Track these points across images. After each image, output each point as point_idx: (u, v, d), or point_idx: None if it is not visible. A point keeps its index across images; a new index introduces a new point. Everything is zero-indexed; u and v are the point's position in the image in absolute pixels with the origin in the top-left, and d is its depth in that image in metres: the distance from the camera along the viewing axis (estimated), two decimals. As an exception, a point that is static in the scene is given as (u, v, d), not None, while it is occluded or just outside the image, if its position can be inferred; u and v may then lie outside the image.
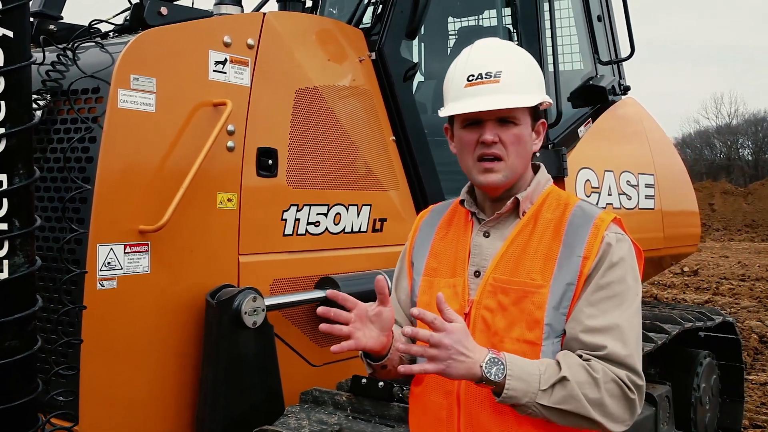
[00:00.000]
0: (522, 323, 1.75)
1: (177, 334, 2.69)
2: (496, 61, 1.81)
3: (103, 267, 2.46)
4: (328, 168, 3.24)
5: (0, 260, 1.52)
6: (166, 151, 2.63)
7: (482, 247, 1.86)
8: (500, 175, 1.81)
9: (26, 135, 1.53)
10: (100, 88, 2.51)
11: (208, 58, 2.76)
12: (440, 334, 1.59)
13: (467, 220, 1.93)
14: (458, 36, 5.09)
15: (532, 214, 1.85)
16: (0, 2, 1.47)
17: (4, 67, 1.48)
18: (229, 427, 2.68)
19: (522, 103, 1.78)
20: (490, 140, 1.78)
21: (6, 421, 1.59)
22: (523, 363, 1.66)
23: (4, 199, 1.51)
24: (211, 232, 2.79)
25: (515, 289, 1.76)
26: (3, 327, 1.54)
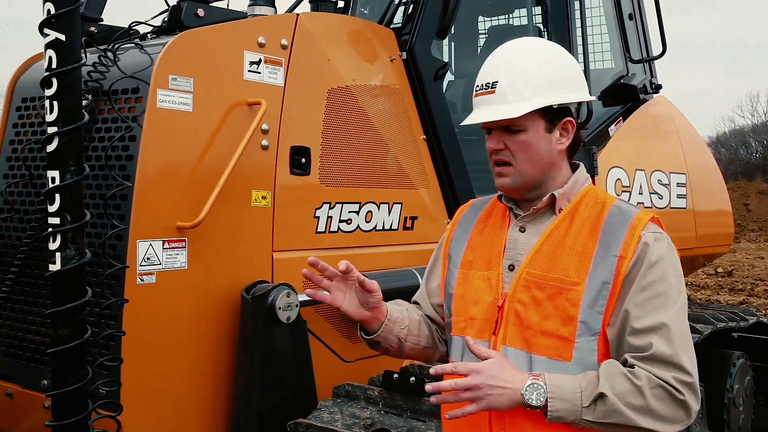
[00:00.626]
0: (556, 318, 1.76)
1: (213, 328, 2.75)
2: (496, 70, 1.83)
3: (143, 262, 2.53)
4: (359, 166, 3.28)
5: (53, 253, 1.59)
6: (202, 149, 2.69)
7: (517, 242, 1.88)
8: (509, 180, 1.84)
9: (77, 133, 1.60)
10: (139, 88, 2.58)
11: (243, 59, 2.82)
12: (469, 378, 1.63)
13: (505, 216, 1.95)
14: (488, 35, 5.10)
15: (569, 212, 1.85)
16: (53, 7, 1.54)
17: (57, 69, 1.55)
18: (263, 420, 2.73)
19: (509, 114, 1.77)
20: (492, 149, 1.83)
21: (59, 405, 1.67)
22: (563, 382, 1.67)
23: (57, 194, 1.58)
24: (246, 229, 2.85)
25: (550, 285, 1.78)
26: (56, 316, 1.62)
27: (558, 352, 1.75)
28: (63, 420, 1.67)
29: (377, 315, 1.96)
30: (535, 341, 1.77)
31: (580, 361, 1.74)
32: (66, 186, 1.58)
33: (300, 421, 2.65)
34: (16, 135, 3.00)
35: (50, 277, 1.63)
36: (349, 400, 2.80)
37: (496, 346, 1.82)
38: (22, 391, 2.85)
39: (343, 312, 1.95)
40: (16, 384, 2.87)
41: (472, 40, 5.19)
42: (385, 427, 2.59)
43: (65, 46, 1.56)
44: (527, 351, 1.78)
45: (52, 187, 1.59)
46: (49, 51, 1.58)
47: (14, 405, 2.90)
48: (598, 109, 4.38)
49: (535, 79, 1.81)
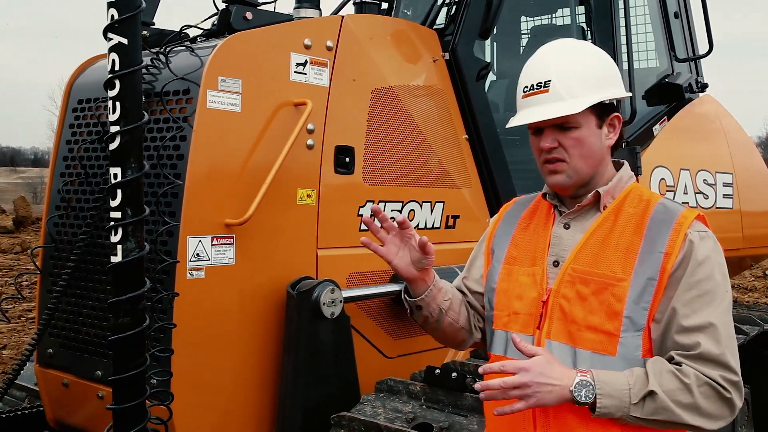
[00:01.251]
0: (601, 313, 1.78)
1: (259, 323, 2.83)
2: (547, 69, 1.86)
3: (192, 258, 2.61)
4: (402, 165, 3.33)
5: (114, 245, 1.68)
6: (250, 148, 2.77)
7: (562, 238, 1.90)
8: (564, 176, 1.86)
9: (138, 132, 1.68)
10: (190, 90, 2.67)
11: (289, 60, 2.89)
12: (518, 376, 1.65)
13: (549, 213, 1.98)
14: (531, 35, 5.10)
15: (613, 209, 1.87)
16: (116, 12, 1.63)
17: (120, 72, 1.64)
18: (308, 413, 2.79)
19: (569, 110, 1.80)
20: (547, 147, 1.85)
21: (120, 389, 1.75)
22: (612, 379, 1.69)
23: (119, 190, 1.67)
24: (291, 226, 2.92)
25: (595, 281, 1.80)
26: (116, 306, 1.70)
27: (603, 347, 1.77)
28: (122, 404, 1.76)
29: (425, 278, 1.99)
30: (579, 336, 1.79)
31: (625, 356, 1.76)
32: (127, 182, 1.67)
33: (343, 414, 2.70)
34: (72, 135, 3.12)
35: (111, 269, 1.72)
36: (392, 395, 2.85)
37: (541, 340, 1.85)
38: (77, 381, 2.96)
39: (393, 267, 1.97)
40: (72, 374, 2.99)
41: (515, 40, 5.19)
42: (427, 422, 2.63)
43: (127, 49, 1.65)
44: (572, 345, 1.81)
45: (114, 183, 1.68)
46: (112, 54, 1.67)
47: (70, 395, 3.02)
48: (642, 109, 4.34)
49: (585, 77, 1.85)
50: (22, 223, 20.98)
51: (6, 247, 16.87)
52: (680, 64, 4.74)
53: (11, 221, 21.04)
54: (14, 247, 16.78)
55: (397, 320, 3.33)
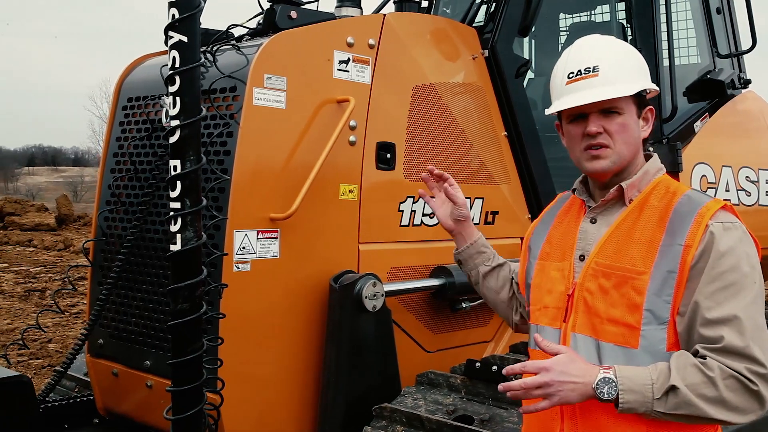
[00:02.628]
0: (622, 306, 1.79)
1: (302, 315, 2.89)
2: (594, 55, 1.89)
3: (239, 251, 2.68)
4: (442, 162, 3.36)
5: (174, 234, 1.76)
6: (294, 144, 2.83)
7: (588, 233, 1.93)
8: (608, 161, 1.87)
9: (196, 126, 1.75)
10: (236, 87, 2.74)
11: (333, 58, 2.94)
12: (538, 377, 1.68)
13: (581, 209, 2.01)
14: (570, 32, 5.09)
15: (639, 202, 1.88)
16: (176, 12, 1.70)
17: (180, 68, 1.71)
18: (349, 404, 2.85)
19: (621, 93, 1.84)
20: (594, 131, 1.86)
21: (179, 372, 1.82)
22: (634, 374, 1.69)
23: (178, 181, 1.74)
24: (334, 221, 2.97)
25: (616, 274, 1.81)
26: (176, 292, 1.78)
27: (625, 339, 1.78)
28: (180, 386, 1.83)
29: (464, 233, 2.31)
30: (602, 328, 1.81)
31: (648, 349, 1.76)
32: (186, 174, 1.74)
33: (385, 405, 2.75)
34: (122, 132, 3.22)
35: (171, 257, 1.79)
36: (432, 388, 2.89)
37: (566, 333, 1.88)
38: (126, 370, 3.06)
39: (437, 217, 2.34)
40: (121, 364, 3.09)
41: (553, 37, 5.19)
42: (467, 414, 2.66)
43: (187, 47, 1.72)
44: (595, 338, 1.82)
45: (174, 174, 1.75)
46: (172, 52, 1.74)
47: (119, 384, 3.11)
48: (683, 105, 4.31)
49: (631, 64, 1.91)
50: (65, 220, 21.47)
51: (49, 244, 17.31)
52: (722, 60, 4.69)
53: (54, 219, 21.54)
54: (57, 245, 17.20)
55: (436, 315, 3.37)
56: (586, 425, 1.82)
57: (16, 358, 7.02)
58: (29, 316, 9.42)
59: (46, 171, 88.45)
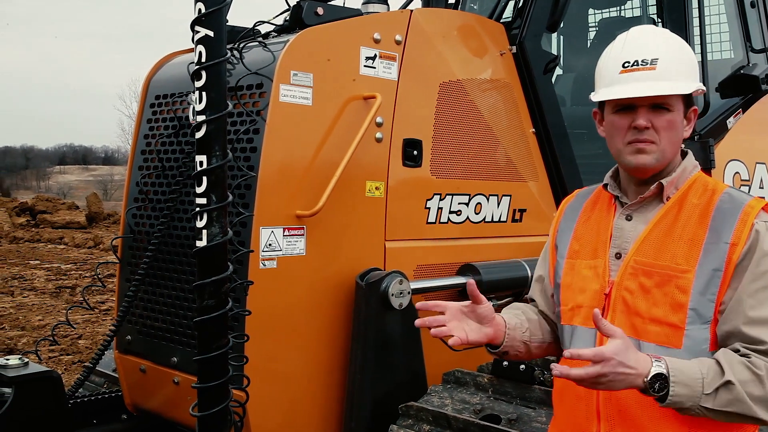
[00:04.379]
0: (665, 306, 1.76)
1: (328, 313, 2.88)
2: (653, 47, 1.83)
3: (265, 248, 2.68)
4: (469, 159, 3.34)
5: (200, 230, 1.75)
6: (320, 141, 2.82)
7: (624, 230, 1.89)
8: (651, 157, 1.83)
9: (222, 121, 1.75)
10: (263, 84, 2.73)
11: (359, 54, 2.92)
12: (597, 367, 1.60)
13: (610, 204, 1.96)
14: (599, 28, 5.03)
15: (677, 200, 1.85)
16: (203, 6, 1.69)
17: (206, 63, 1.70)
18: (376, 402, 2.83)
19: (678, 90, 1.80)
20: (643, 125, 1.81)
21: (205, 368, 1.82)
22: (686, 367, 1.66)
23: (204, 177, 1.74)
24: (360, 218, 2.96)
25: (659, 273, 1.78)
26: (201, 288, 1.78)
27: (668, 339, 1.75)
28: (207, 383, 1.83)
29: (497, 329, 1.92)
30: (644, 328, 1.78)
31: (691, 349, 1.73)
32: (212, 169, 1.74)
33: (411, 404, 2.73)
34: (150, 129, 3.23)
35: (197, 253, 1.79)
36: (459, 386, 2.86)
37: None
38: (154, 367, 3.07)
39: (472, 344, 1.88)
40: (149, 360, 3.10)
41: (582, 33, 5.12)
42: (495, 413, 2.63)
43: (213, 41, 1.72)
44: (636, 338, 1.78)
45: (200, 170, 1.75)
46: (199, 47, 1.73)
47: (147, 380, 3.13)
48: (715, 101, 4.23)
49: (688, 63, 1.86)
50: (95, 218, 21.76)
51: (80, 242, 17.55)
52: (756, 54, 4.59)
53: (84, 217, 21.84)
54: (87, 242, 17.44)
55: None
56: (625, 426, 1.78)
57: (47, 354, 7.12)
58: (60, 312, 9.55)
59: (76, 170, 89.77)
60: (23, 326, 8.72)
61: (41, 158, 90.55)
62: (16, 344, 7.81)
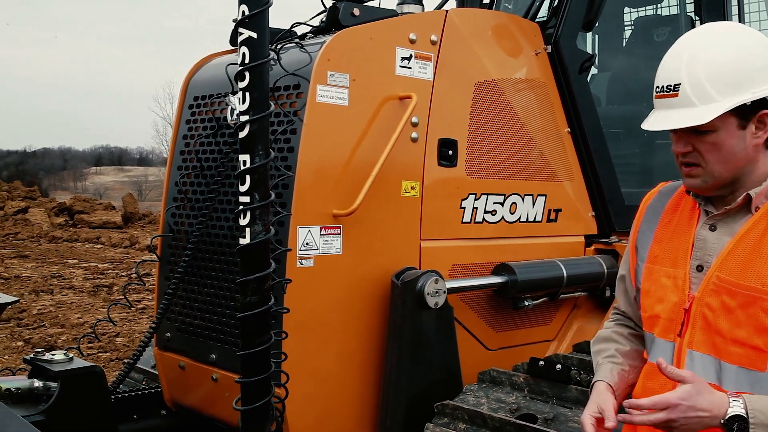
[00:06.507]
0: (749, 328, 1.66)
1: (364, 311, 2.90)
2: (678, 69, 1.71)
3: (302, 247, 2.71)
4: (504, 158, 3.34)
5: (243, 228, 1.79)
6: (357, 141, 2.84)
7: (707, 241, 1.78)
8: (699, 180, 1.75)
9: (265, 121, 1.78)
10: (300, 85, 2.77)
11: (395, 55, 2.94)
12: (665, 413, 1.57)
13: (694, 209, 1.86)
14: (634, 27, 4.97)
15: (767, 211, 1.72)
16: (246, 8, 1.73)
17: (250, 64, 1.74)
18: (411, 401, 2.85)
19: (697, 121, 1.65)
20: (681, 152, 1.74)
21: (248, 363, 1.86)
22: (766, 406, 1.58)
23: (247, 175, 1.77)
24: (396, 217, 2.98)
25: (743, 293, 1.67)
26: (245, 285, 1.81)
27: (751, 362, 1.67)
28: (250, 378, 1.87)
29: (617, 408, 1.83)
30: (725, 349, 1.70)
31: None
32: (255, 168, 1.77)
33: (447, 402, 2.74)
34: (189, 130, 3.29)
35: (240, 250, 1.82)
36: (494, 386, 2.86)
37: (682, 348, 1.76)
38: (193, 364, 3.13)
39: None
40: (188, 357, 3.16)
41: (617, 32, 5.08)
42: (531, 413, 2.63)
43: (257, 43, 1.75)
44: (716, 357, 1.71)
45: (243, 169, 1.78)
46: (242, 48, 1.77)
47: (185, 376, 3.18)
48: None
49: (725, 76, 1.67)
50: (130, 218, 22.10)
51: (116, 242, 17.84)
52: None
53: (120, 217, 22.19)
54: (123, 242, 17.72)
55: (498, 312, 3.35)
56: None
57: (86, 351, 7.26)
58: (98, 310, 9.73)
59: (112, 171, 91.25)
60: (63, 324, 8.90)
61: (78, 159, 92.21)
62: (56, 341, 7.98)
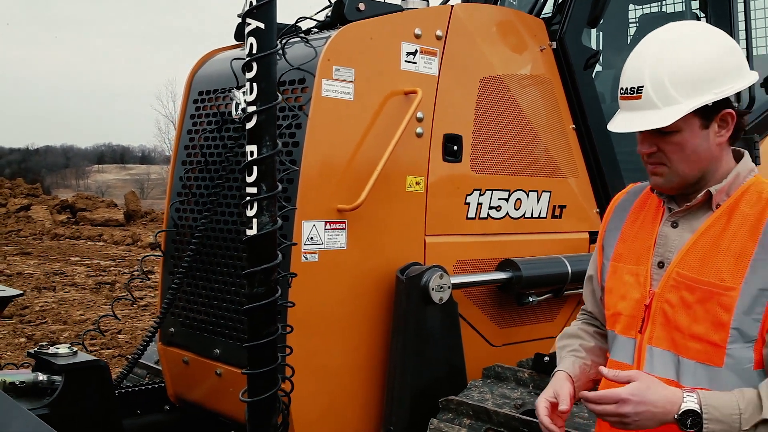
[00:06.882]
0: (706, 323, 1.68)
1: (369, 306, 2.90)
2: (641, 71, 1.71)
3: (307, 241, 2.71)
4: (509, 154, 3.33)
5: (250, 219, 1.78)
6: (362, 136, 2.84)
7: (668, 238, 1.80)
8: (664, 179, 1.76)
9: (272, 112, 1.78)
10: (305, 79, 2.76)
11: (400, 50, 2.94)
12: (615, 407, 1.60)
13: (659, 207, 1.87)
14: (639, 24, 4.96)
15: (727, 208, 1.73)
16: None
17: (257, 54, 1.73)
18: (416, 396, 2.84)
19: (660, 123, 1.66)
20: (645, 152, 1.76)
21: (254, 355, 1.85)
22: (721, 402, 1.59)
23: (254, 166, 1.76)
24: (401, 212, 2.97)
25: (701, 288, 1.69)
26: (251, 276, 1.81)
27: (708, 357, 1.68)
28: (257, 369, 1.86)
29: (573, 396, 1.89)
30: (683, 344, 1.71)
31: (733, 368, 1.66)
32: (262, 159, 1.76)
33: (452, 398, 2.74)
34: (193, 125, 3.29)
35: (247, 241, 1.82)
36: (499, 381, 2.86)
37: (642, 345, 1.78)
38: (196, 358, 3.13)
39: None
40: (192, 352, 3.15)
41: (622, 29, 5.07)
42: (536, 408, 2.62)
43: (264, 33, 1.74)
44: (675, 353, 1.73)
45: (250, 160, 1.77)
46: (250, 38, 1.76)
47: (189, 371, 3.18)
48: (761, 97, 4.15)
49: (687, 78, 1.67)
50: (132, 216, 22.11)
51: (118, 239, 17.85)
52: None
53: (122, 215, 22.20)
54: (126, 239, 17.73)
55: (502, 309, 3.34)
56: None
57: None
58: (100, 307, 9.74)
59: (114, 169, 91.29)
60: (65, 320, 8.91)
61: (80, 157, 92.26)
62: (58, 338, 7.99)
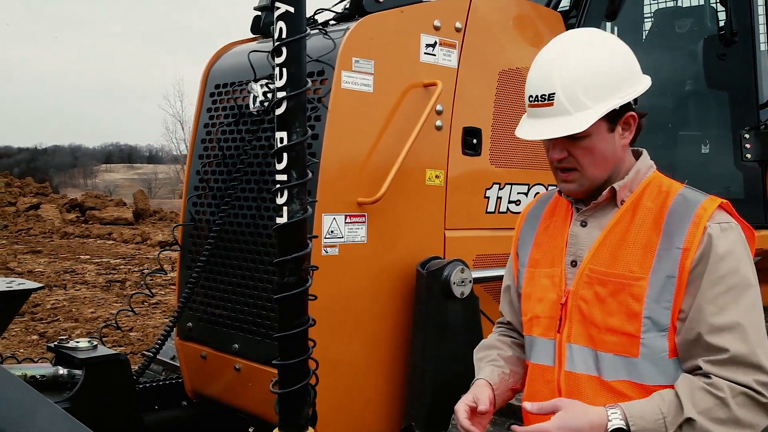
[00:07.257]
0: (620, 315, 1.74)
1: (389, 300, 2.87)
2: (551, 78, 1.75)
3: (327, 235, 2.68)
4: (528, 148, 3.29)
5: (280, 207, 1.76)
6: (381, 128, 2.81)
7: (579, 237, 1.86)
8: (575, 185, 1.82)
9: (302, 97, 1.75)
10: (324, 71, 2.74)
11: (419, 41, 2.91)
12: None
13: (568, 210, 1.94)
14: (654, 19, 4.92)
15: (631, 203, 1.82)
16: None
17: (286, 39, 1.71)
18: (436, 390, 2.82)
19: (575, 129, 1.71)
20: (557, 158, 1.80)
21: (285, 346, 1.83)
22: (644, 410, 1.64)
23: (284, 153, 1.74)
24: (420, 206, 2.94)
25: (613, 281, 1.76)
26: (282, 265, 1.78)
27: (624, 349, 1.73)
28: (288, 360, 1.84)
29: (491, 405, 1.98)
30: (600, 338, 1.76)
31: (649, 358, 1.72)
32: (292, 146, 1.73)
33: (473, 393, 2.70)
34: (210, 119, 3.27)
35: (277, 230, 1.79)
36: (521, 377, 2.82)
37: (561, 344, 1.83)
38: (214, 353, 3.11)
39: None
40: (210, 347, 3.13)
41: (636, 25, 5.02)
42: (559, 403, 2.59)
43: (294, 17, 1.71)
44: (593, 348, 1.78)
45: (280, 146, 1.74)
46: (279, 23, 1.73)
47: (207, 366, 3.16)
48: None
49: (595, 83, 1.73)
50: (141, 215, 22.15)
51: (128, 238, 17.88)
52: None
53: (131, 213, 22.24)
54: (135, 238, 17.76)
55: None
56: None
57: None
58: (111, 305, 9.75)
59: (122, 168, 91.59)
60: (76, 318, 8.92)
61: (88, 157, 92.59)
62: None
